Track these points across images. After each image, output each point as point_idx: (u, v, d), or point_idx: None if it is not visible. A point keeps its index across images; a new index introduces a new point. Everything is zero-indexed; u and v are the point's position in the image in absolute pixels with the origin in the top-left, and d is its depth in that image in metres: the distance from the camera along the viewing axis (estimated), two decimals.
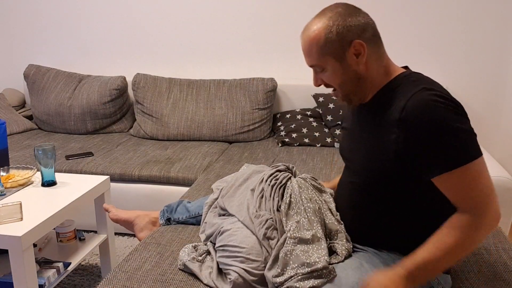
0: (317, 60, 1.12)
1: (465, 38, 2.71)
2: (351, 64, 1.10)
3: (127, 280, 1.29)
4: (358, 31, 1.08)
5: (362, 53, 1.09)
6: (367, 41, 1.09)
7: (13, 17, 3.25)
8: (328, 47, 1.09)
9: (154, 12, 3.04)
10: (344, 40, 1.08)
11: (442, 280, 1.17)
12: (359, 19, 1.09)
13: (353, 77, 1.11)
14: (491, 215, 1.01)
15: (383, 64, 1.14)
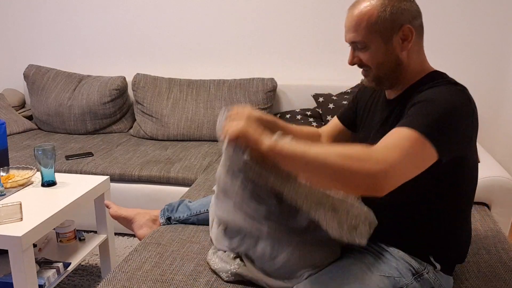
0: (363, 36, 1.09)
1: (465, 38, 2.71)
2: (396, 47, 1.09)
3: (127, 281, 1.29)
4: (410, 16, 1.08)
5: (409, 39, 1.09)
6: (416, 30, 1.09)
7: (13, 17, 3.25)
8: (378, 25, 1.07)
9: (154, 12, 3.04)
10: (396, 22, 1.07)
11: (444, 282, 1.17)
12: (413, 5, 1.09)
13: (393, 61, 1.10)
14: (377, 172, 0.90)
15: (420, 58, 1.14)
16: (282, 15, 2.88)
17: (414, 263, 1.15)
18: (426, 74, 1.14)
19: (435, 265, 1.15)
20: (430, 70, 1.15)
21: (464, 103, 1.01)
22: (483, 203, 1.82)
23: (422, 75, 1.14)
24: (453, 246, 1.16)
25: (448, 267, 1.17)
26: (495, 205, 1.80)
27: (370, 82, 1.15)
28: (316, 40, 2.88)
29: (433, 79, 1.11)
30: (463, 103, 1.00)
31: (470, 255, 1.41)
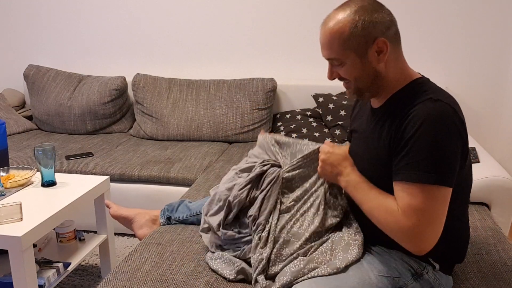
0: (337, 53, 1.08)
1: (465, 38, 2.71)
2: (372, 61, 1.08)
3: (127, 281, 1.29)
4: (383, 28, 1.06)
5: (384, 51, 1.07)
6: (390, 40, 1.07)
7: (13, 17, 3.25)
8: (351, 42, 1.06)
9: (154, 12, 3.04)
10: (369, 36, 1.05)
11: (443, 281, 1.17)
12: (384, 16, 1.07)
13: (371, 73, 1.09)
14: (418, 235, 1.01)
15: (399, 65, 1.12)
16: (282, 15, 2.88)
17: (413, 263, 1.15)
18: (408, 84, 1.12)
19: (434, 265, 1.15)
20: (411, 78, 1.13)
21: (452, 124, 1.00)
22: (483, 203, 1.82)
23: (403, 84, 1.12)
24: (451, 246, 1.16)
25: (447, 266, 1.17)
26: (495, 205, 1.80)
27: (352, 94, 1.16)
28: (316, 40, 2.88)
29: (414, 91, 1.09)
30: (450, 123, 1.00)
31: (470, 255, 1.41)
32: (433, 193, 1.00)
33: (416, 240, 1.01)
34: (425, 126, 0.99)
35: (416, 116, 1.01)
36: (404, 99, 1.08)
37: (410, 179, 1.00)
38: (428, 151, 0.98)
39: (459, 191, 1.13)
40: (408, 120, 1.02)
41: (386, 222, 1.05)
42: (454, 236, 1.16)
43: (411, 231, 1.00)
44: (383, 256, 1.18)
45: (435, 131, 0.98)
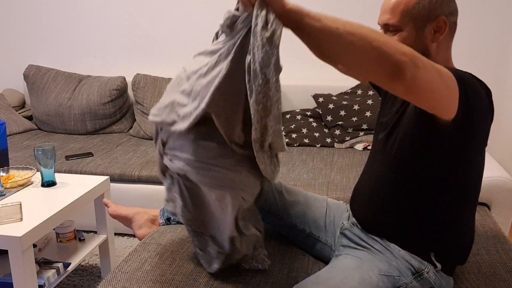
0: (398, 20, 1.09)
1: (465, 38, 2.71)
2: (427, 37, 1.10)
3: (126, 281, 1.29)
4: (448, 10, 1.09)
5: (441, 31, 1.09)
6: (450, 25, 1.10)
7: (13, 17, 3.25)
8: (415, 12, 1.08)
9: (154, 12, 3.04)
10: (433, 12, 1.08)
11: (444, 282, 1.17)
12: (452, 2, 1.10)
13: (421, 50, 1.08)
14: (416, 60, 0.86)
15: (447, 55, 1.15)
16: None
17: (415, 262, 1.15)
18: None
19: (436, 264, 1.15)
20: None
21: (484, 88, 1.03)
22: (483, 203, 1.82)
23: None
24: (455, 246, 1.16)
25: (449, 267, 1.18)
26: (495, 205, 1.80)
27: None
28: None
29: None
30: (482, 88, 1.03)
31: (470, 255, 1.41)
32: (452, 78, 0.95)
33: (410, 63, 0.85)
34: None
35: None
36: None
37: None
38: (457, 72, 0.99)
39: (466, 191, 1.13)
40: None
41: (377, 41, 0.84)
42: (459, 236, 1.16)
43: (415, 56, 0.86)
44: (384, 254, 1.18)
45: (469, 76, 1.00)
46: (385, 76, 0.86)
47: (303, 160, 2.39)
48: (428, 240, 1.15)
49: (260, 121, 1.01)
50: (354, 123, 2.59)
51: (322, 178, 2.16)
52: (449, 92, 0.94)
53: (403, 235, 1.17)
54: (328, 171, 2.24)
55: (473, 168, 1.11)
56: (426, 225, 1.14)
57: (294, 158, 2.43)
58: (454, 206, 1.13)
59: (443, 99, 0.93)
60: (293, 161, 2.39)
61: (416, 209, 1.14)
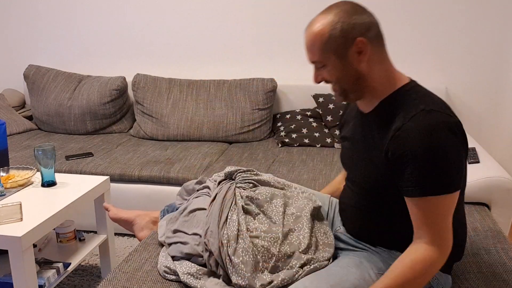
0: (319, 56, 1.11)
1: (465, 38, 2.71)
2: (352, 61, 1.09)
3: (127, 281, 1.29)
4: (363, 29, 1.07)
5: (364, 51, 1.08)
6: (371, 40, 1.08)
7: (13, 17, 3.26)
8: (330, 43, 1.08)
9: (154, 12, 3.04)
10: (348, 37, 1.07)
11: (442, 280, 1.17)
12: (364, 18, 1.08)
13: (353, 74, 1.10)
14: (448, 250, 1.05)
15: (385, 68, 1.12)
16: (282, 15, 2.88)
17: None
18: (397, 90, 1.12)
19: None
20: (399, 83, 1.13)
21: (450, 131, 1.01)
22: (483, 203, 1.82)
23: (392, 88, 1.12)
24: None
25: (446, 265, 1.18)
26: (495, 205, 1.80)
27: (338, 96, 1.17)
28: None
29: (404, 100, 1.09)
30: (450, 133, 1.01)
31: (470, 255, 1.41)
32: (445, 201, 1.03)
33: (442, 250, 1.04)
34: (425, 139, 1.00)
35: (414, 129, 1.02)
36: (395, 108, 1.09)
37: (423, 193, 1.02)
38: (434, 164, 1.00)
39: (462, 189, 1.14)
40: (407, 135, 1.03)
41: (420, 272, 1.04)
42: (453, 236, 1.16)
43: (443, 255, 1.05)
44: (382, 254, 1.18)
45: (436, 144, 1.00)
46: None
47: (303, 160, 2.40)
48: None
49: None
50: None
51: (322, 178, 2.16)
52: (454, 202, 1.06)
53: (396, 242, 1.18)
54: (328, 171, 2.24)
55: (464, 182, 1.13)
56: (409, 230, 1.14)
57: (294, 158, 2.43)
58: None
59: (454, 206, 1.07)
60: (293, 161, 2.39)
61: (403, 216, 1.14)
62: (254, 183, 1.38)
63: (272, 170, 2.27)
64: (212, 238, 1.25)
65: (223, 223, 1.27)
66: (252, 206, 1.31)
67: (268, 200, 1.31)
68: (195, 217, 1.37)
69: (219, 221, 1.27)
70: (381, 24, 2.74)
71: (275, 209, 1.30)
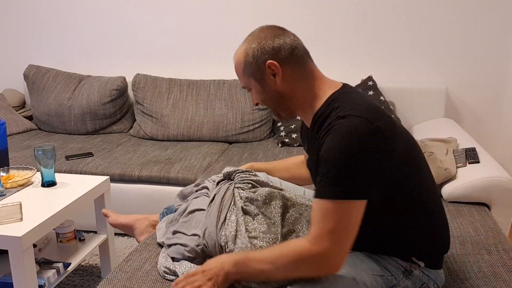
0: (243, 81, 1.19)
1: (465, 38, 2.71)
2: (270, 83, 1.15)
3: (127, 281, 1.29)
4: (273, 52, 1.12)
5: (277, 73, 1.13)
6: (282, 62, 1.13)
7: (13, 17, 3.25)
8: (247, 70, 1.16)
9: (154, 12, 3.04)
10: (260, 61, 1.13)
11: (433, 276, 1.17)
12: (276, 41, 1.13)
13: (274, 95, 1.16)
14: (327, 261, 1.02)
15: (309, 84, 1.15)
16: (282, 15, 2.88)
17: (401, 262, 1.16)
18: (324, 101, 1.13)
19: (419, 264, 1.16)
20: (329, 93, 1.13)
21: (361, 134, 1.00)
22: (483, 203, 1.82)
23: (321, 102, 1.13)
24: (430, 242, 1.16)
25: (433, 261, 1.18)
26: (495, 205, 1.80)
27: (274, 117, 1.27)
28: (315, 40, 2.88)
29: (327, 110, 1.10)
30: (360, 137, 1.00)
31: (471, 255, 1.41)
32: (346, 208, 1.00)
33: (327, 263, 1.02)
34: (333, 143, 1.01)
35: (328, 137, 1.04)
36: (323, 120, 1.10)
37: (322, 195, 1.02)
38: (338, 167, 1.00)
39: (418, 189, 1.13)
40: (322, 142, 1.05)
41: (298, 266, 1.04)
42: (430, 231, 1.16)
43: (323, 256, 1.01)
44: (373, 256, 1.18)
45: (343, 147, 0.99)
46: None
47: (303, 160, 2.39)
48: (404, 247, 1.15)
49: None
50: None
51: None
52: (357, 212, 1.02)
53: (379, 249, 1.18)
54: None
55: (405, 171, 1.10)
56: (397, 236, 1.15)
57: None
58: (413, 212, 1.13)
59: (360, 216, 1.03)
60: None
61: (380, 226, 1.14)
62: (253, 183, 1.39)
63: None
64: (210, 239, 1.25)
65: (221, 224, 1.27)
66: (251, 207, 1.31)
67: (267, 202, 1.31)
68: (194, 218, 1.37)
69: (217, 222, 1.28)
70: (381, 25, 2.75)
71: (274, 210, 1.30)
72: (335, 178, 1.00)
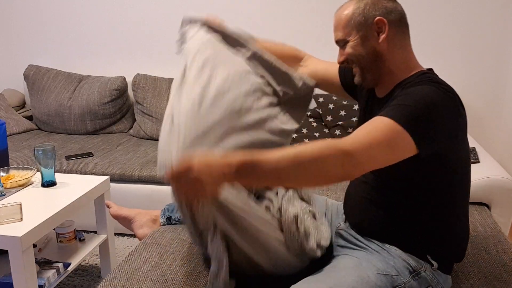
0: (342, 32, 1.17)
1: (465, 38, 2.71)
2: (372, 39, 1.14)
3: (127, 281, 1.29)
4: (384, 11, 1.13)
5: (383, 31, 1.13)
6: (391, 23, 1.13)
7: (13, 17, 3.25)
8: (353, 21, 1.15)
9: (154, 12, 3.04)
10: (369, 16, 1.13)
11: (441, 280, 1.17)
12: (390, 3, 1.15)
13: (371, 53, 1.15)
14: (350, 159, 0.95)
15: (405, 55, 1.16)
16: (282, 15, 2.88)
17: (411, 261, 1.15)
18: (413, 74, 1.15)
19: (432, 263, 1.15)
20: (418, 70, 1.17)
21: (445, 101, 1.03)
22: (483, 203, 1.82)
23: (409, 74, 1.16)
24: (449, 245, 1.16)
25: (446, 265, 1.18)
26: (495, 205, 1.80)
27: (358, 79, 1.21)
28: (315, 40, 2.88)
29: (416, 80, 1.12)
30: (443, 100, 1.03)
31: (470, 255, 1.41)
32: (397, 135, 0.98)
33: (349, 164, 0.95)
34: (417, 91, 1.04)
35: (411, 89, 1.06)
36: (405, 85, 1.12)
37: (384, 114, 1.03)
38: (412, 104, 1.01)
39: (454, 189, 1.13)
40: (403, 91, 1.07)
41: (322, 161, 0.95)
42: (452, 234, 1.16)
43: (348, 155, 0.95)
44: (381, 254, 1.18)
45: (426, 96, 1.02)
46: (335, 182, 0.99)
47: None
48: (423, 240, 1.15)
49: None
50: (354, 123, 2.59)
51: None
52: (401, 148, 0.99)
53: (397, 236, 1.17)
54: None
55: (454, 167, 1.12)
56: (419, 226, 1.15)
57: None
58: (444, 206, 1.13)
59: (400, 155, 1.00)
60: None
61: (406, 211, 1.14)
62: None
63: None
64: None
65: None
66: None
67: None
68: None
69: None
70: None
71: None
72: (404, 109, 1.01)
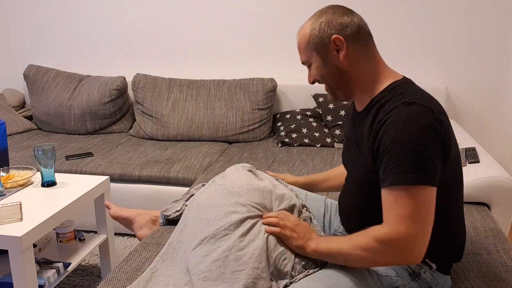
0: (305, 55, 1.18)
1: (465, 38, 2.71)
2: (332, 59, 1.14)
3: (127, 281, 1.29)
4: (339, 27, 1.12)
5: (342, 48, 1.12)
6: (348, 38, 1.12)
7: (13, 17, 3.25)
8: (312, 42, 1.15)
9: (154, 12, 3.04)
10: (325, 36, 1.13)
11: (441, 281, 1.17)
12: (344, 18, 1.13)
13: (335, 71, 1.15)
14: (408, 246, 1.00)
15: (372, 65, 1.14)
16: (282, 15, 2.88)
17: None
18: (386, 87, 1.13)
19: (431, 265, 1.15)
20: (389, 80, 1.14)
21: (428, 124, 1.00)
22: (483, 203, 1.82)
23: (382, 86, 1.13)
24: (447, 246, 1.16)
25: (444, 266, 1.18)
26: (495, 205, 1.80)
27: (329, 96, 1.22)
28: None
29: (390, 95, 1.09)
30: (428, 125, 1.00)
31: (470, 255, 1.41)
32: (420, 195, 1.00)
33: (408, 249, 1.00)
34: (402, 129, 1.00)
35: (392, 121, 1.03)
36: (381, 103, 1.10)
37: (395, 182, 1.01)
38: (409, 152, 0.99)
39: (450, 191, 1.13)
40: (385, 126, 1.04)
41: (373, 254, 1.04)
42: (450, 236, 1.16)
43: (402, 242, 1.00)
44: None
45: (413, 133, 0.99)
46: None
47: (303, 160, 2.39)
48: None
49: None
50: None
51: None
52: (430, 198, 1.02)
53: None
54: None
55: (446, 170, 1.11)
56: None
57: (294, 158, 2.43)
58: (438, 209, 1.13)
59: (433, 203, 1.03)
60: (293, 161, 2.39)
61: None
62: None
63: (272, 170, 2.27)
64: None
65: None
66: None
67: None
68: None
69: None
70: (381, 24, 2.75)
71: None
72: (409, 164, 0.99)
